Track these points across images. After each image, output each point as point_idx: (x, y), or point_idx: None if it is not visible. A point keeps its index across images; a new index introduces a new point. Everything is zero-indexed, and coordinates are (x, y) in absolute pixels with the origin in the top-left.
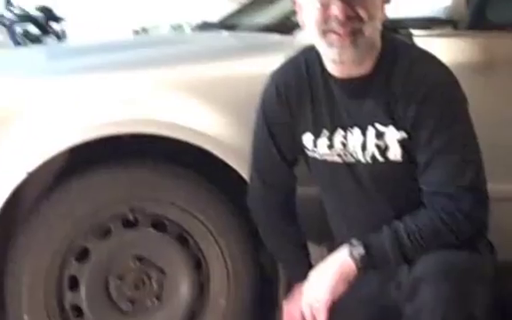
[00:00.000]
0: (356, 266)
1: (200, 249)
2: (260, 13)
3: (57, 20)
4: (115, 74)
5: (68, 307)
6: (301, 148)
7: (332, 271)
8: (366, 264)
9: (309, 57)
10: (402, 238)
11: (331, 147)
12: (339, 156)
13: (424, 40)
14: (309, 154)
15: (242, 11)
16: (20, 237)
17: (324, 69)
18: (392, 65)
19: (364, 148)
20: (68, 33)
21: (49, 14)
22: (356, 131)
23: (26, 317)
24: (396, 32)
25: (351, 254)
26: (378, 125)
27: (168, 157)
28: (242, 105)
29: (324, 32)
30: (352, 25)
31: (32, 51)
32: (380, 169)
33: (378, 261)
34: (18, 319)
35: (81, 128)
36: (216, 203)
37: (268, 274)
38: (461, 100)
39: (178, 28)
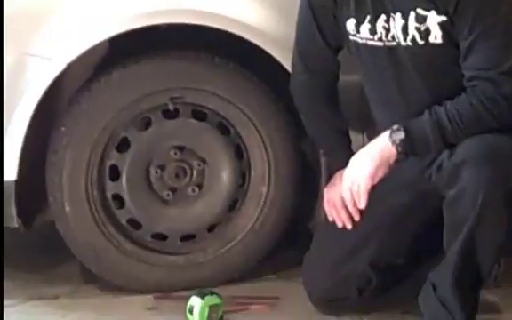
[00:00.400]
0: (397, 150)
1: (241, 137)
2: None
3: None
4: None
5: (109, 196)
6: (344, 33)
7: (372, 156)
8: (406, 148)
9: None
10: (442, 122)
11: (373, 32)
12: (380, 40)
13: None
14: (351, 38)
15: None
16: (61, 129)
17: None
18: None
19: (404, 30)
20: None
21: None
22: (398, 15)
23: (67, 208)
24: None
25: (391, 139)
26: (419, 10)
27: (209, 48)
28: None
29: None
30: None
31: None
32: (421, 51)
33: (418, 145)
34: (59, 209)
35: (120, 19)
36: (257, 92)
37: (309, 162)
38: None
39: None
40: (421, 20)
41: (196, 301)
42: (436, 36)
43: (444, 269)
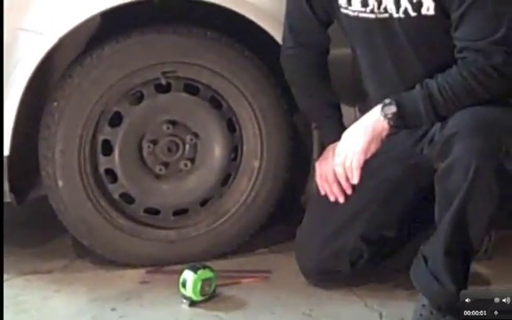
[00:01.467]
0: (389, 124)
1: (233, 111)
2: None
3: None
4: None
5: (101, 171)
6: (335, 6)
7: (364, 130)
8: (398, 122)
9: None
10: (434, 94)
11: (365, 4)
12: (372, 12)
13: None
14: (343, 11)
15: None
16: (54, 103)
17: None
18: None
19: (397, 2)
20: None
21: None
22: None
23: (60, 183)
24: None
25: (383, 112)
26: None
27: (200, 22)
28: None
29: None
30: None
31: None
32: (413, 23)
33: (410, 119)
34: (52, 185)
35: None
36: (249, 65)
37: (301, 135)
38: None
39: None
40: None
41: (188, 275)
42: (429, 8)
43: (435, 241)
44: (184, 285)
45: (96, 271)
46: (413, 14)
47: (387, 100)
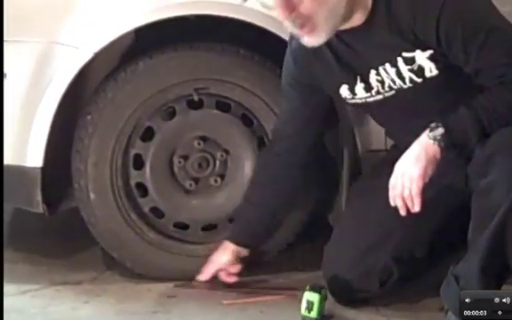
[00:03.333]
0: (439, 146)
1: (264, 129)
2: None
3: None
4: None
5: (133, 185)
6: (341, 100)
7: (416, 157)
8: (448, 142)
9: None
10: (478, 112)
11: (369, 89)
12: (378, 93)
13: None
14: (350, 102)
15: None
16: (87, 117)
17: None
18: (390, 5)
19: (400, 76)
20: None
21: None
22: (387, 65)
23: (92, 195)
24: None
25: (432, 136)
26: (404, 54)
27: (234, 39)
28: None
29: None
30: (301, 22)
31: None
32: (420, 87)
33: (458, 138)
34: (84, 196)
35: (147, 9)
36: (280, 83)
37: (330, 154)
38: None
39: None
40: (410, 61)
41: (314, 297)
42: (431, 69)
43: (470, 259)
44: (311, 308)
45: (124, 284)
46: (419, 80)
47: (432, 124)
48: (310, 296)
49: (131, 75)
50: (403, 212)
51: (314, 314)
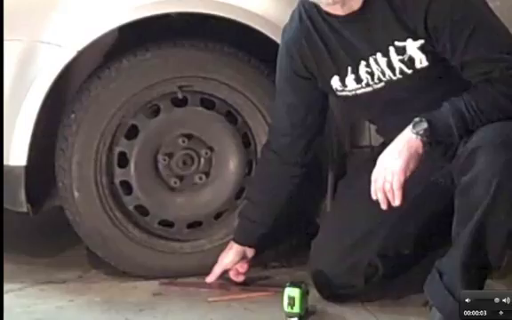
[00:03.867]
0: (422, 141)
1: (248, 126)
2: None
3: None
4: None
5: (117, 183)
6: (331, 92)
7: (399, 151)
8: (431, 137)
9: (307, 4)
10: (461, 109)
11: (359, 80)
12: (367, 85)
13: None
14: (340, 94)
15: None
16: (71, 115)
17: (323, 15)
18: None
19: (390, 66)
20: None
21: None
22: (379, 55)
23: (76, 193)
24: None
25: (415, 130)
26: (397, 43)
27: (217, 36)
28: None
29: None
30: None
31: None
32: (409, 78)
33: (441, 134)
34: (68, 196)
35: (130, 7)
36: (265, 81)
37: (317, 155)
38: None
39: None
40: (402, 51)
41: (295, 292)
42: (421, 60)
43: (452, 255)
44: (293, 304)
45: (110, 282)
46: (409, 72)
47: (416, 119)
48: (291, 292)
49: (115, 73)
50: (384, 206)
51: (296, 309)
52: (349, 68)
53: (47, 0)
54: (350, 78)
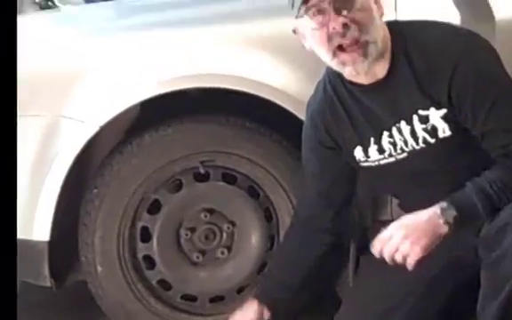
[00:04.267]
0: (450, 228)
1: (270, 201)
2: None
3: None
4: (183, 29)
5: (140, 257)
6: (354, 164)
7: (425, 231)
8: (459, 224)
9: (331, 75)
10: (486, 188)
11: (381, 151)
12: (390, 155)
13: None
14: (363, 165)
15: None
16: (94, 190)
17: (346, 85)
18: (407, 49)
19: (413, 135)
20: None
21: None
22: (403, 123)
23: (99, 268)
24: None
25: (444, 218)
26: (420, 111)
27: (238, 111)
28: (310, 58)
29: (333, 52)
30: (353, 33)
31: (103, 7)
32: (432, 148)
33: (469, 217)
34: (91, 270)
35: (152, 83)
36: (286, 155)
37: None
38: (484, 52)
39: None
40: (425, 119)
41: None
42: (444, 129)
43: None
44: None
45: None
46: (432, 141)
47: (444, 205)
48: None
49: (137, 148)
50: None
51: None
52: (372, 139)
53: (69, 76)
54: (373, 149)
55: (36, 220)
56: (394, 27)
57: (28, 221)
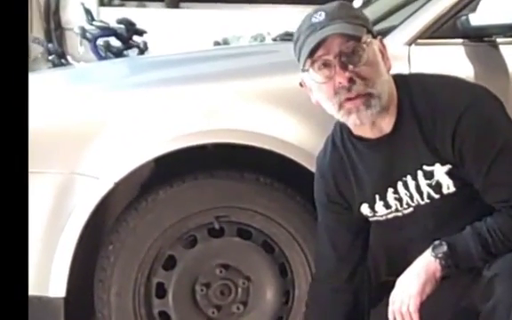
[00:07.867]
0: (440, 264)
1: (285, 256)
2: None
3: (139, 33)
4: (198, 85)
5: (155, 313)
6: (364, 218)
7: (417, 273)
8: (450, 261)
9: (340, 129)
10: (482, 233)
11: (388, 206)
12: (396, 210)
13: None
14: (371, 219)
15: None
16: (109, 246)
17: (352, 140)
18: (414, 103)
19: (418, 190)
20: (149, 45)
21: (131, 27)
22: (409, 178)
23: None
24: (480, 40)
25: (434, 253)
26: (425, 167)
27: (252, 166)
28: (323, 112)
29: (339, 104)
30: (359, 88)
31: (116, 64)
32: (437, 204)
33: (461, 258)
34: None
35: (166, 139)
36: (300, 210)
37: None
38: (490, 105)
39: (259, 38)
40: (429, 175)
41: None
42: (449, 186)
43: None
44: None
45: None
46: (437, 197)
47: (437, 242)
48: None
49: (151, 204)
50: None
51: None
52: (377, 196)
53: (84, 132)
54: (379, 205)
55: (51, 277)
56: (401, 80)
57: (43, 278)
